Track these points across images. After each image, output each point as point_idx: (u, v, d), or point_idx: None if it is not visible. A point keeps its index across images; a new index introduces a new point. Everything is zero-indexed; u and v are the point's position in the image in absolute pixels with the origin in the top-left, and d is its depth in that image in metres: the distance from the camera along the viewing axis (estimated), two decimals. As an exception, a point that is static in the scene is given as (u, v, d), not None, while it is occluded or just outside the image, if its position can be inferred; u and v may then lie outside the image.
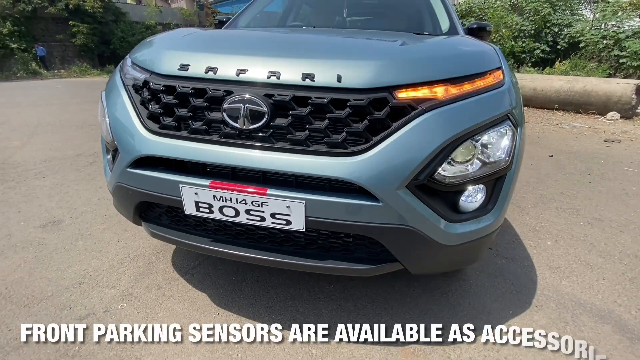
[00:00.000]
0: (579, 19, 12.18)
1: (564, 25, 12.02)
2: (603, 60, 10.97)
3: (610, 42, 10.69)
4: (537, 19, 12.33)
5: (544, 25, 12.30)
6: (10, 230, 2.03)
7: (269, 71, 0.99)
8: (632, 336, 1.39)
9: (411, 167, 0.94)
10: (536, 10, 12.32)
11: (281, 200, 0.98)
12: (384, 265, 1.08)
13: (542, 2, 12.33)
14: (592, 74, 10.15)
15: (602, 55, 11.00)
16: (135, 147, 1.09)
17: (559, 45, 11.95)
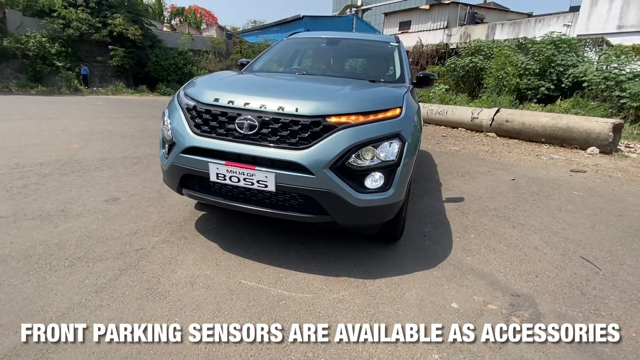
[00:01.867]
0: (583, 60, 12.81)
1: (568, 66, 12.69)
2: (605, 100, 11.47)
3: (612, 83, 11.22)
4: (542, 59, 13.07)
5: (548, 65, 13.04)
6: (84, 202, 2.91)
7: (260, 104, 1.85)
8: (496, 287, 2.06)
9: (330, 157, 1.74)
10: (540, 51, 13.11)
11: (262, 172, 1.78)
12: (321, 216, 1.86)
13: (547, 44, 13.15)
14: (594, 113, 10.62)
15: (604, 95, 11.52)
16: (186, 142, 1.94)
17: (563, 84, 12.60)
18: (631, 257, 2.55)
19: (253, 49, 22.77)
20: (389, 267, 2.20)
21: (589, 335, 1.68)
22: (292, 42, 3.58)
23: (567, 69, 12.75)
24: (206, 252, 2.22)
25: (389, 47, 3.26)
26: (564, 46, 13.12)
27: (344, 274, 2.08)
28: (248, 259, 2.17)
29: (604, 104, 11.44)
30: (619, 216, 3.40)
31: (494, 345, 1.59)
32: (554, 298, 2.00)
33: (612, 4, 16.08)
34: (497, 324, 1.71)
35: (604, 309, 1.93)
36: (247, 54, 22.62)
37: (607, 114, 10.58)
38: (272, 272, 2.05)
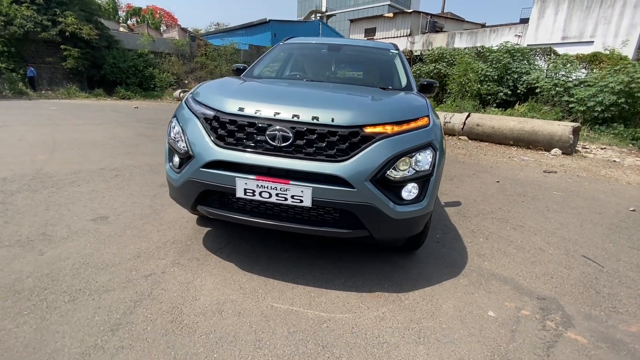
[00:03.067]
0: (535, 68, 13.92)
1: (522, 73, 13.72)
2: (556, 105, 12.50)
3: (561, 89, 12.26)
4: (499, 66, 14.02)
5: (505, 72, 14.01)
6: (68, 222, 2.58)
7: (292, 114, 1.72)
8: (521, 291, 2.10)
9: (371, 169, 1.67)
10: (498, 59, 14.05)
11: (298, 187, 1.66)
12: (357, 230, 1.77)
13: (503, 52, 14.14)
14: (546, 116, 11.57)
15: (554, 100, 12.55)
16: (209, 155, 1.77)
17: (519, 90, 13.60)
18: (623, 253, 2.74)
19: (219, 52, 22.13)
20: (417, 278, 2.16)
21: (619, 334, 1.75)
22: (290, 47, 3.47)
23: (522, 76, 13.78)
24: (225, 274, 2.04)
25: (390, 55, 3.27)
26: (518, 55, 14.17)
27: (376, 289, 2.00)
28: (272, 279, 2.03)
29: (555, 108, 12.46)
30: (599, 214, 3.67)
31: (541, 353, 1.60)
32: (575, 299, 2.07)
33: (556, 17, 17.69)
34: (537, 330, 1.73)
35: (620, 306, 2.03)
36: (213, 57, 21.94)
37: (559, 117, 11.55)
38: (302, 292, 1.93)
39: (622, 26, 15.79)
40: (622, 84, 10.09)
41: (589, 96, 10.93)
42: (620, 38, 15.60)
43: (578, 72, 12.89)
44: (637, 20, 15.37)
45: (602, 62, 13.40)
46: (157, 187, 3.48)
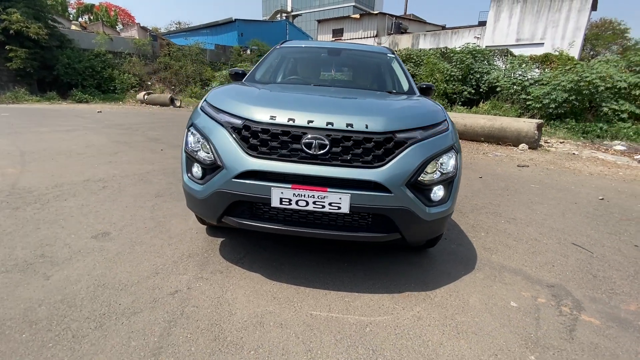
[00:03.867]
0: (494, 68, 14.84)
1: (483, 73, 14.58)
2: (515, 102, 13.40)
3: (519, 87, 13.16)
4: (463, 67, 14.79)
5: (468, 72, 14.81)
6: (67, 242, 2.38)
7: (326, 122, 1.73)
8: (532, 280, 2.26)
9: (407, 174, 1.72)
10: (461, 60, 14.82)
11: (336, 194, 1.67)
12: (390, 234, 1.82)
13: (466, 53, 14.93)
14: (507, 113, 12.38)
15: (513, 98, 13.45)
16: (242, 165, 1.72)
17: (481, 89, 14.44)
18: (605, 239, 3.03)
19: (184, 52, 21.30)
20: (438, 275, 2.25)
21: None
22: (289, 51, 3.44)
23: (483, 75, 14.64)
24: (254, 285, 2.00)
25: (388, 58, 3.35)
26: (479, 56, 15.04)
27: (405, 289, 2.06)
28: (303, 287, 2.02)
29: (514, 105, 13.36)
30: (575, 204, 4.02)
31: (567, 337, 1.74)
32: (578, 284, 2.27)
33: (510, 21, 18.97)
34: (555, 316, 1.88)
35: (616, 288, 2.25)
36: (177, 57, 21.09)
37: (518, 114, 12.40)
38: (336, 297, 1.94)
39: (568, 29, 17.29)
40: (572, 82, 11.02)
41: (544, 94, 11.81)
42: (567, 40, 17.07)
43: (532, 71, 13.92)
44: (581, 24, 16.89)
45: (552, 62, 14.57)
46: (153, 198, 3.31)
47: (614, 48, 29.99)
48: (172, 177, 4.02)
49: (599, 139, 9.81)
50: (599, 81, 10.57)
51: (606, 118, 10.70)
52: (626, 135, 9.95)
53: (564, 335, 1.75)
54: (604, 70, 10.53)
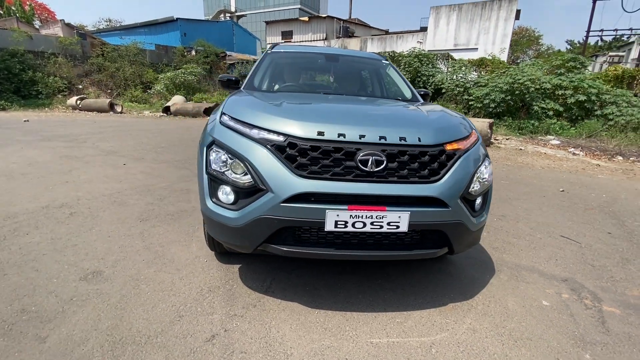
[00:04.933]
0: (438, 71, 15.91)
1: (429, 75, 15.55)
2: (459, 102, 14.50)
3: (462, 89, 14.26)
4: (411, 70, 15.62)
5: (416, 75, 15.69)
6: (50, 289, 1.95)
7: (378, 136, 1.63)
8: (546, 276, 2.39)
9: (462, 186, 1.70)
10: (409, 63, 15.65)
11: (395, 212, 1.58)
12: (442, 248, 1.78)
13: (413, 57, 15.80)
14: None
15: (457, 99, 14.55)
16: (291, 188, 1.54)
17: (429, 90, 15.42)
18: (583, 229, 3.36)
19: (120, 53, 19.43)
20: (469, 281, 2.28)
21: (637, 300, 2.15)
22: (282, 56, 3.25)
23: (429, 78, 15.64)
24: (297, 317, 1.82)
25: (384, 64, 3.34)
26: (425, 59, 16.04)
27: (446, 300, 2.05)
28: (349, 312, 1.89)
29: (458, 105, 14.47)
30: (544, 197, 4.42)
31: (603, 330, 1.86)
32: (584, 275, 2.46)
33: (448, 27, 20.52)
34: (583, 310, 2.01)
35: (614, 275, 2.49)
36: (113, 58, 19.17)
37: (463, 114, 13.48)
38: (387, 319, 1.85)
39: (497, 36, 19.21)
40: (507, 84, 12.22)
41: (484, 95, 12.94)
42: (497, 45, 18.97)
43: (471, 74, 15.22)
44: (507, 31, 18.88)
45: (487, 65, 16.06)
46: (138, 223, 2.89)
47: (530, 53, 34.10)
48: (149, 197, 3.57)
49: (533, 135, 11.02)
50: (529, 83, 11.84)
51: (536, 115, 12.04)
52: (554, 130, 11.30)
53: (600, 328, 1.87)
54: (533, 73, 11.86)
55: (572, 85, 11.58)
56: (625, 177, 5.91)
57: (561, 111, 11.83)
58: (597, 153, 8.11)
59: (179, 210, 3.22)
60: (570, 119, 11.82)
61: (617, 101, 11.20)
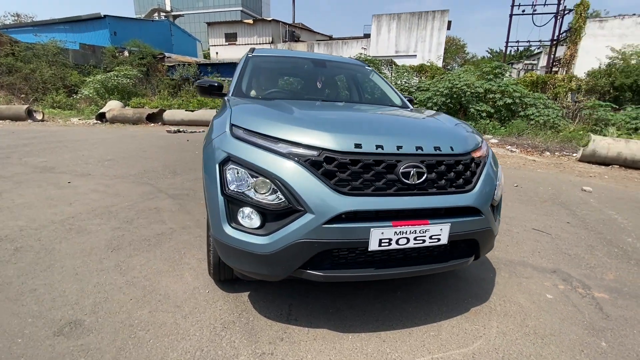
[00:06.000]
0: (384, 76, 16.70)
1: (376, 80, 16.22)
2: (404, 106, 15.31)
3: (406, 93, 15.14)
4: (360, 74, 16.13)
5: (364, 80, 16.25)
6: (17, 354, 1.53)
7: (415, 146, 1.57)
8: (539, 269, 2.57)
9: (491, 193, 1.72)
10: (357, 68, 16.14)
11: (437, 225, 1.53)
12: (470, 257, 1.78)
13: (360, 62, 16.36)
14: (402, 115, 14.13)
15: (402, 102, 15.37)
16: (333, 207, 1.40)
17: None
18: (547, 221, 3.71)
19: (35, 52, 16.97)
20: (478, 283, 2.34)
21: (618, 284, 2.40)
22: (267, 60, 3.04)
23: (377, 82, 16.32)
24: (332, 345, 1.67)
25: (368, 71, 3.33)
26: (371, 65, 16.74)
27: (467, 306, 2.07)
28: (380, 332, 1.79)
29: (405, 108, 15.31)
30: (504, 193, 4.81)
31: (604, 316, 2.03)
32: (567, 265, 2.69)
33: (389, 35, 21.67)
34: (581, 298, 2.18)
35: (589, 261, 2.76)
36: (27, 58, 16.67)
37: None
38: (421, 334, 1.79)
39: (433, 44, 20.80)
40: (447, 88, 13.26)
41: (427, 99, 13.87)
42: (433, 52, 20.52)
43: (413, 79, 16.25)
44: (441, 40, 20.54)
45: (426, 71, 17.29)
46: (109, 253, 2.46)
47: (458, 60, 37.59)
48: (113, 220, 3.08)
49: (475, 135, 12.07)
50: (465, 87, 12.98)
51: (473, 117, 13.22)
52: (488, 130, 12.52)
53: (601, 315, 2.04)
54: (468, 78, 13.04)
55: (500, 89, 12.96)
56: (558, 170, 6.73)
57: (492, 112, 13.15)
58: (530, 150, 9.15)
59: (154, 234, 2.82)
60: (500, 120, 13.21)
61: (535, 103, 12.82)
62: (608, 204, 4.39)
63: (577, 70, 16.40)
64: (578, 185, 5.36)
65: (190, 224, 3.08)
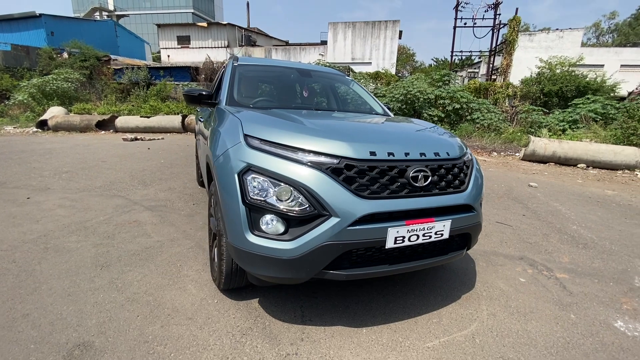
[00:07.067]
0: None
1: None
2: (363, 111, 15.90)
3: (364, 99, 15.70)
4: (321, 80, 16.49)
5: (324, 85, 16.62)
6: (20, 382, 1.43)
7: (419, 152, 1.75)
8: (509, 257, 2.91)
9: (480, 192, 1.96)
10: (317, 74, 16.48)
11: (441, 222, 1.73)
12: (464, 249, 2.01)
13: (319, 68, 16.73)
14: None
15: (361, 107, 15.96)
16: (357, 210, 1.52)
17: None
18: (506, 214, 4.17)
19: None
20: (461, 273, 2.60)
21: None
22: (254, 70, 3.08)
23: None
24: (350, 340, 1.79)
25: (348, 80, 3.51)
26: (331, 71, 17.15)
27: (459, 293, 2.30)
28: (390, 323, 1.95)
29: (364, 113, 15.91)
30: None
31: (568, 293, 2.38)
32: (530, 252, 3.08)
33: (345, 42, 22.37)
34: (547, 279, 2.54)
35: (546, 247, 3.19)
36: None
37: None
38: (425, 321, 1.98)
39: (386, 52, 21.88)
40: (402, 94, 14.07)
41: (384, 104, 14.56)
42: (387, 60, 21.58)
43: (369, 85, 16.98)
44: (394, 48, 21.67)
45: (381, 78, 18.14)
46: (98, 271, 2.33)
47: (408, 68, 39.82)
48: (92, 236, 2.89)
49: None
50: (418, 94, 13.86)
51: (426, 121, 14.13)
52: (443, 133, 13.45)
53: (566, 292, 2.40)
54: (421, 85, 13.95)
55: (449, 95, 14.03)
56: (506, 169, 7.51)
57: (443, 117, 14.19)
58: (480, 150, 10.05)
59: (143, 248, 2.71)
60: (450, 123, 14.29)
61: (480, 108, 14.08)
62: (552, 197, 5.03)
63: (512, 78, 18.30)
64: (525, 182, 6.04)
65: (177, 236, 3.00)
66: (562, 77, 14.68)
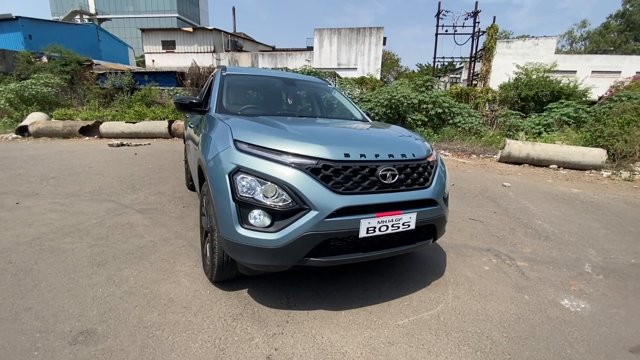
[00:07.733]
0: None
1: (321, 91, 16.97)
2: (348, 115, 16.23)
3: (349, 103, 16.04)
4: (306, 85, 16.75)
5: (310, 90, 16.90)
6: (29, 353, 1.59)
7: (388, 154, 2.00)
8: (477, 249, 3.20)
9: (443, 188, 2.22)
10: (303, 79, 16.75)
11: (408, 214, 1.98)
12: (430, 239, 2.27)
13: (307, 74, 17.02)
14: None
15: (347, 112, 16.29)
16: (334, 204, 1.75)
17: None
18: (479, 211, 4.49)
19: None
20: (432, 264, 2.86)
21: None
22: (241, 79, 3.28)
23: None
24: (330, 321, 2.01)
25: (330, 88, 3.75)
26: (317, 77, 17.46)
27: (428, 280, 2.55)
28: (366, 306, 2.18)
29: (350, 118, 16.25)
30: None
31: (525, 278, 2.67)
32: (497, 244, 3.38)
33: (331, 48, 22.77)
34: (509, 267, 2.83)
35: (511, 239, 3.50)
36: None
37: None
38: (398, 304, 2.22)
39: (371, 58, 22.38)
40: (387, 99, 14.48)
41: (369, 109, 14.95)
42: (371, 66, 22.07)
43: (355, 90, 17.37)
44: (378, 54, 22.20)
45: (367, 83, 18.57)
46: (95, 268, 2.48)
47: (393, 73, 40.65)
48: (87, 238, 3.02)
49: (413, 141, 13.33)
50: (402, 99, 14.29)
51: (410, 125, 14.58)
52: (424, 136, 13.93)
53: (523, 277, 2.69)
54: (404, 90, 14.40)
55: (431, 100, 14.52)
56: (483, 170, 7.91)
57: (426, 121, 14.66)
58: (460, 153, 10.49)
59: (137, 248, 2.87)
60: (433, 127, 14.77)
61: (461, 112, 14.61)
62: (522, 196, 5.40)
63: (492, 84, 19.05)
64: (499, 182, 6.42)
65: (169, 236, 3.16)
66: (537, 82, 15.41)
